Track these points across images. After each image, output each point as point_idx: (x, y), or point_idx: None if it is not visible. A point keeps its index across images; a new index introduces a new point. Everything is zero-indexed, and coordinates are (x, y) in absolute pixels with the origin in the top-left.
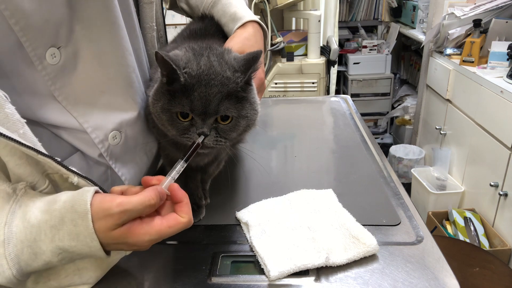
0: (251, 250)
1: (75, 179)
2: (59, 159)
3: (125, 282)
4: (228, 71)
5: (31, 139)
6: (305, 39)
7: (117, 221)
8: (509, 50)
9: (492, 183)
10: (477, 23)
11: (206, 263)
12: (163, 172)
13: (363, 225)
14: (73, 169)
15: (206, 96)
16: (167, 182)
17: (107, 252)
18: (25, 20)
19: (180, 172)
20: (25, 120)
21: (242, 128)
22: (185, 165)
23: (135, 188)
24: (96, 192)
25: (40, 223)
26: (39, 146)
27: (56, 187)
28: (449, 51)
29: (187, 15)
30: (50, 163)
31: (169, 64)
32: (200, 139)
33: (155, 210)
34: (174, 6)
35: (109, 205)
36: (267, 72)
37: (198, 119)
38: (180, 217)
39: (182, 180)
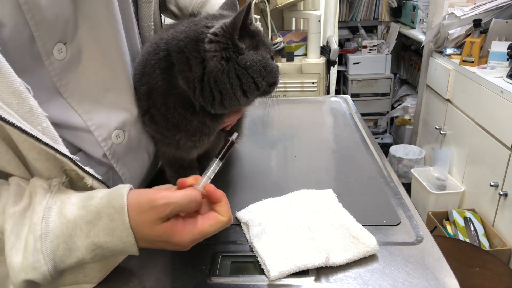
0: (251, 250)
1: (90, 181)
2: (77, 158)
3: (125, 282)
4: None
5: (52, 133)
6: (305, 39)
7: (160, 214)
8: (509, 50)
9: (492, 183)
10: (477, 23)
11: (206, 263)
12: (163, 172)
13: (363, 225)
14: (90, 171)
15: None
16: (203, 181)
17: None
18: (40, 14)
19: (216, 171)
20: (47, 114)
21: None
22: (221, 164)
23: (172, 188)
24: (131, 189)
25: (76, 219)
26: (59, 142)
27: (72, 184)
28: (449, 51)
29: (176, 18)
30: (67, 162)
31: None
32: (234, 136)
33: (195, 211)
34: (163, 9)
35: (154, 197)
36: None
37: None
38: (220, 216)
39: None
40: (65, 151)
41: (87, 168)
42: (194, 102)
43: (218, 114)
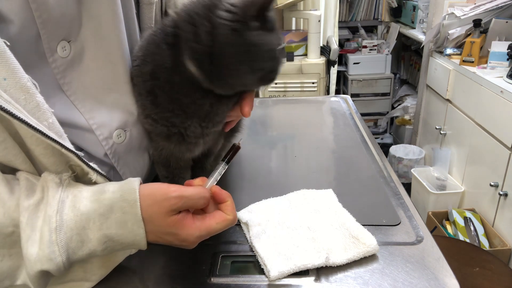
0: (251, 250)
1: (94, 176)
2: (82, 154)
3: (126, 282)
4: None
5: (58, 129)
6: (305, 39)
7: (173, 206)
8: (509, 50)
9: (492, 183)
10: (477, 23)
11: (206, 263)
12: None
13: (363, 225)
14: (94, 166)
15: None
16: (210, 183)
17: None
18: (47, 13)
19: (222, 174)
20: (52, 110)
21: None
22: (226, 167)
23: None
24: (140, 182)
25: (89, 212)
26: (65, 137)
27: (77, 179)
28: (449, 51)
29: None
30: (72, 157)
31: None
32: (240, 141)
33: (202, 209)
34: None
35: (167, 190)
36: None
37: None
38: (226, 215)
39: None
40: (71, 146)
41: (91, 164)
42: (200, 80)
43: (224, 100)
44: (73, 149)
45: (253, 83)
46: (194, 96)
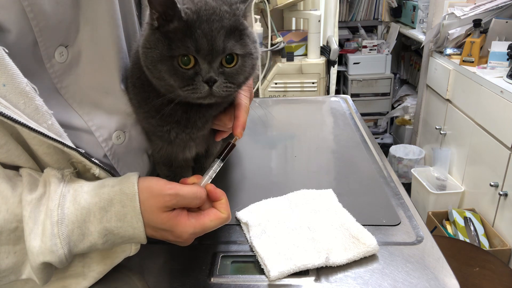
0: (251, 250)
1: (97, 171)
2: (83, 151)
3: (126, 281)
4: (224, 5)
5: (58, 129)
6: (305, 39)
7: (167, 203)
8: (509, 50)
9: (492, 183)
10: (477, 23)
11: (206, 263)
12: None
13: (363, 225)
14: (96, 161)
15: (210, 32)
16: (205, 181)
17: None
18: (45, 21)
19: (217, 171)
20: (52, 111)
21: (249, 70)
22: (222, 164)
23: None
24: (139, 176)
25: (90, 205)
26: (65, 137)
27: (79, 175)
28: (449, 51)
29: None
30: (74, 154)
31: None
32: (236, 138)
33: (197, 207)
34: None
35: (163, 187)
36: (267, 72)
37: (204, 63)
38: (220, 213)
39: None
40: (72, 144)
41: (93, 159)
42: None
43: (202, 108)
44: (74, 147)
45: (170, 89)
46: (159, 99)
